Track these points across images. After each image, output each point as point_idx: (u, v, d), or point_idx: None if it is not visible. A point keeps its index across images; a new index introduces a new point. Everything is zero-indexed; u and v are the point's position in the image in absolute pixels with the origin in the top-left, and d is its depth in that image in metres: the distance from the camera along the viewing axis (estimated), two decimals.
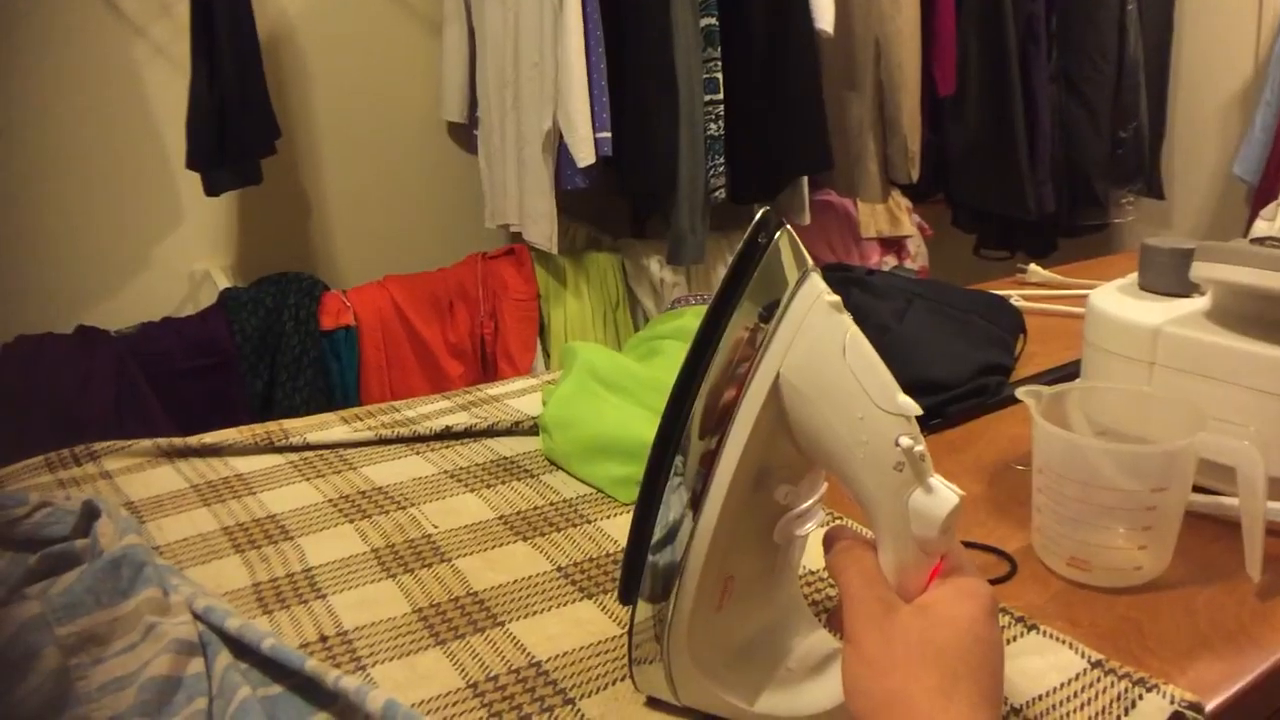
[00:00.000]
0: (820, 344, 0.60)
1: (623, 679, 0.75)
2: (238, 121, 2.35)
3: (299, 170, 2.80)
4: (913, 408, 0.59)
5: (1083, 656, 0.74)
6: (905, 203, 3.12)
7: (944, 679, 0.55)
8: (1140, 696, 0.70)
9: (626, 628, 0.70)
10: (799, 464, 0.65)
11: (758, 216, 0.61)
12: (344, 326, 2.50)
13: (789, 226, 0.62)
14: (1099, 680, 0.72)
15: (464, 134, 2.92)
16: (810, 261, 0.61)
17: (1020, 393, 0.87)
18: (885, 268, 2.97)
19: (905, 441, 0.59)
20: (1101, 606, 0.82)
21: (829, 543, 0.65)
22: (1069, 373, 1.24)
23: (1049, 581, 0.86)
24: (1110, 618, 0.81)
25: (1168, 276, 1.03)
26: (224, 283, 2.59)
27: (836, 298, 0.60)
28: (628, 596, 0.68)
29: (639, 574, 0.66)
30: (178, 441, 1.21)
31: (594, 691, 0.74)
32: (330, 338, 2.50)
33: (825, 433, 0.60)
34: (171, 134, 2.54)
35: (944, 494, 0.60)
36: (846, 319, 0.61)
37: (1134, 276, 1.08)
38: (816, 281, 0.60)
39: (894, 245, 3.14)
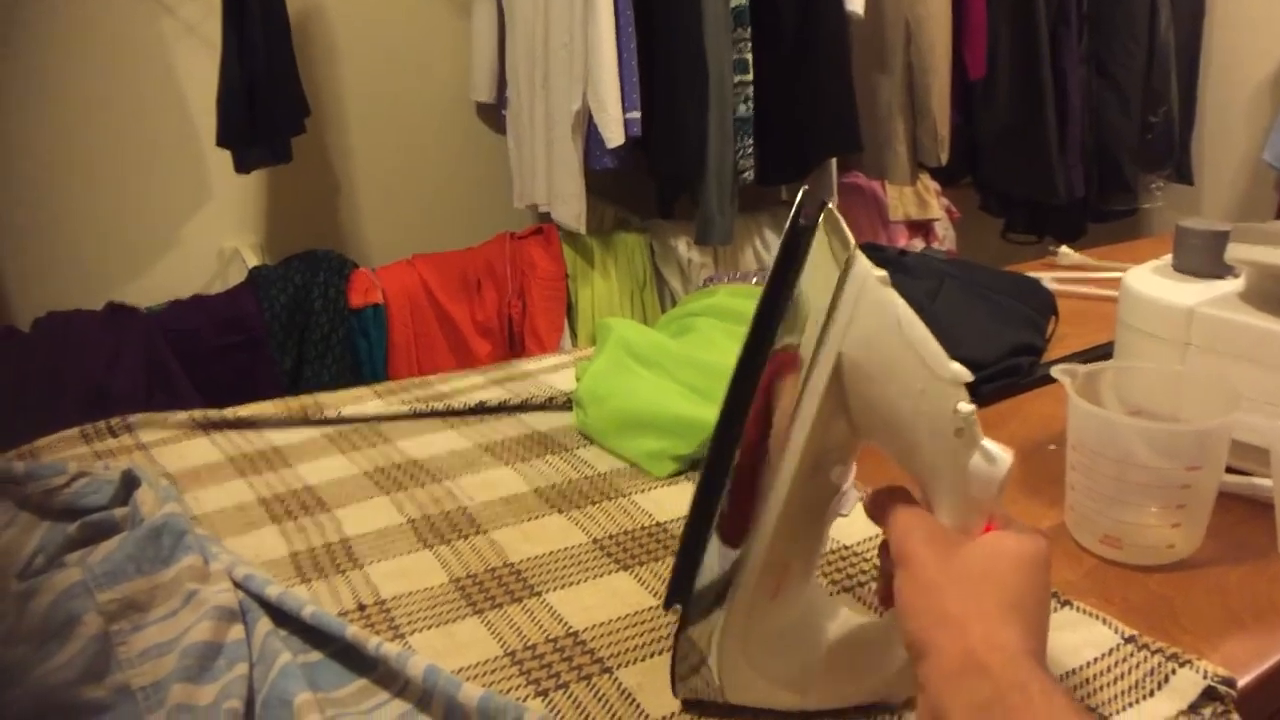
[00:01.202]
0: (877, 321, 0.60)
1: (661, 651, 0.76)
2: (268, 99, 2.36)
3: (329, 148, 2.80)
4: (965, 374, 0.60)
5: (1116, 632, 0.75)
6: (934, 186, 3.11)
7: (1000, 606, 0.56)
8: (1173, 671, 0.70)
9: (663, 603, 0.70)
10: (851, 444, 0.65)
11: (800, 196, 0.61)
12: (372, 305, 2.51)
13: (831, 205, 0.62)
14: (1132, 655, 0.72)
15: (493, 114, 2.92)
16: (853, 239, 0.61)
17: (1056, 371, 0.87)
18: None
19: (964, 408, 0.59)
20: (1134, 584, 0.82)
21: (880, 500, 0.65)
22: (1101, 354, 1.24)
23: (1082, 559, 0.86)
24: (1143, 595, 0.81)
25: (1203, 258, 1.03)
26: (253, 260, 2.60)
27: (884, 273, 0.61)
28: (677, 594, 0.66)
29: (694, 570, 0.64)
30: (213, 414, 1.22)
31: (631, 662, 0.74)
32: (359, 316, 2.50)
33: (887, 408, 0.60)
34: (202, 112, 2.55)
35: (998, 454, 0.61)
36: (895, 294, 0.61)
37: (1168, 258, 1.08)
38: (864, 259, 0.61)
39: (921, 228, 3.13)
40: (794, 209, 0.61)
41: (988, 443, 0.61)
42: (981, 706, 0.53)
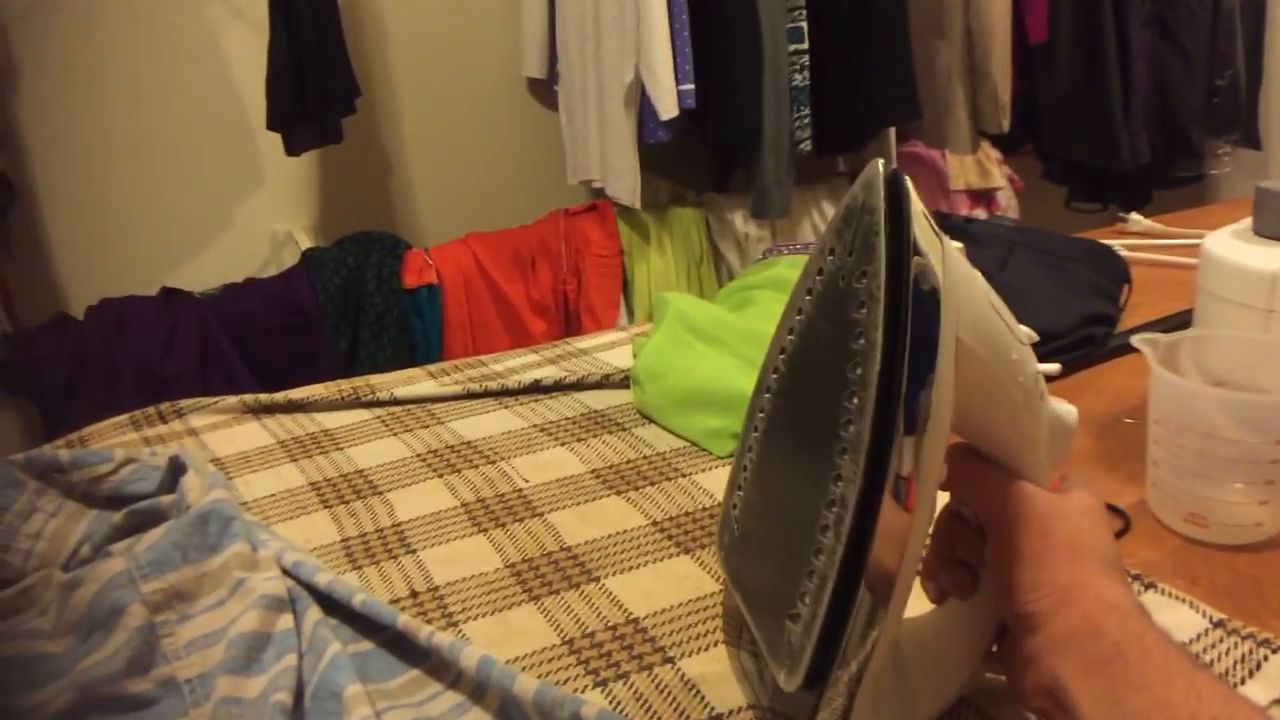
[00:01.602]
0: (974, 297, 0.56)
1: (727, 640, 0.73)
2: (317, 80, 2.35)
3: (379, 129, 2.79)
4: (1033, 334, 0.58)
5: (1204, 616, 0.72)
6: (995, 154, 3.06)
7: (1100, 564, 0.57)
8: (1265, 658, 0.67)
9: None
10: None
11: (881, 172, 0.54)
12: (426, 285, 2.50)
13: (906, 179, 0.55)
14: (1222, 641, 0.69)
15: (544, 90, 2.90)
16: (925, 213, 0.57)
17: (1137, 340, 0.83)
18: None
19: (1043, 368, 0.60)
20: (1220, 564, 0.79)
21: (968, 460, 0.62)
22: (1176, 324, 1.19)
23: (1165, 538, 0.83)
24: (1229, 576, 0.78)
25: None
26: (306, 243, 2.60)
27: (960, 244, 0.57)
28: (821, 673, 0.55)
29: (840, 640, 0.53)
30: (264, 398, 1.21)
31: (695, 651, 0.72)
32: (413, 296, 2.50)
33: (992, 383, 0.57)
34: (252, 95, 2.54)
35: (1064, 407, 0.63)
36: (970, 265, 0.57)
37: (1248, 222, 1.04)
38: (943, 235, 0.56)
39: (984, 198, 3.08)
40: (884, 181, 0.54)
41: (1051, 398, 0.62)
42: (1100, 663, 0.52)
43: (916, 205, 0.53)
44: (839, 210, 0.57)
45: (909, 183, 0.54)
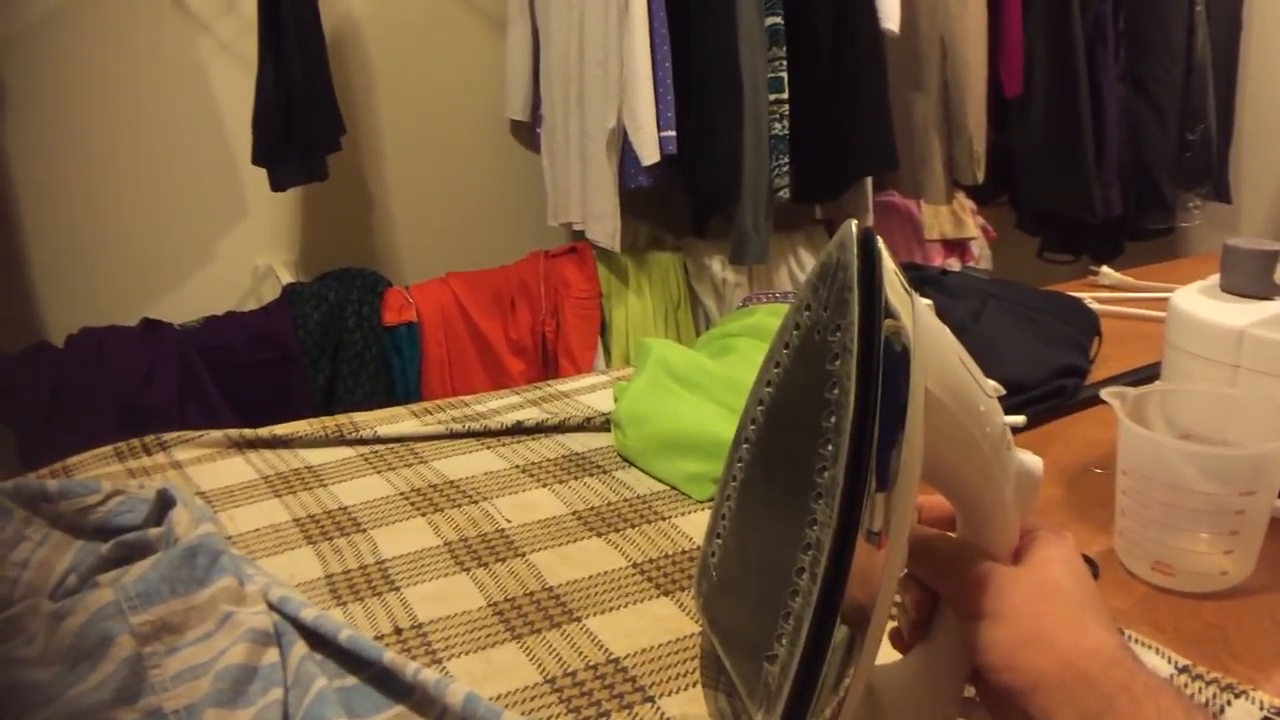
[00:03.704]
0: (941, 349, 0.58)
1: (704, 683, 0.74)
2: (304, 117, 2.36)
3: (364, 166, 2.81)
4: (998, 387, 0.60)
5: (1169, 662, 0.73)
6: (969, 204, 3.09)
7: (1074, 609, 0.57)
8: (1229, 702, 0.69)
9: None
10: None
11: (854, 232, 0.56)
12: (406, 322, 2.50)
13: (879, 238, 0.58)
14: (1187, 686, 0.71)
15: (527, 132, 2.92)
16: (897, 270, 0.59)
17: (1105, 393, 0.85)
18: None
19: (1009, 419, 0.59)
20: (1186, 612, 0.81)
21: (927, 546, 0.63)
22: (1146, 376, 1.22)
23: (1132, 586, 0.85)
24: (1195, 623, 0.79)
25: (1251, 278, 1.01)
26: (287, 278, 2.61)
27: (929, 301, 0.59)
28: (797, 717, 0.55)
29: (815, 684, 0.54)
30: (248, 432, 1.22)
31: (675, 691, 0.73)
32: (392, 333, 2.50)
33: (959, 435, 0.58)
34: (237, 130, 2.56)
35: (1031, 458, 0.63)
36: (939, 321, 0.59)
37: (1215, 278, 1.06)
38: (912, 292, 0.58)
39: (957, 247, 3.11)
40: (857, 241, 0.56)
41: (1018, 449, 0.63)
42: (1092, 717, 0.52)
43: (888, 263, 0.55)
44: (815, 268, 0.59)
45: (881, 242, 0.56)
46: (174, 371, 2.27)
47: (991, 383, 0.60)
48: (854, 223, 0.57)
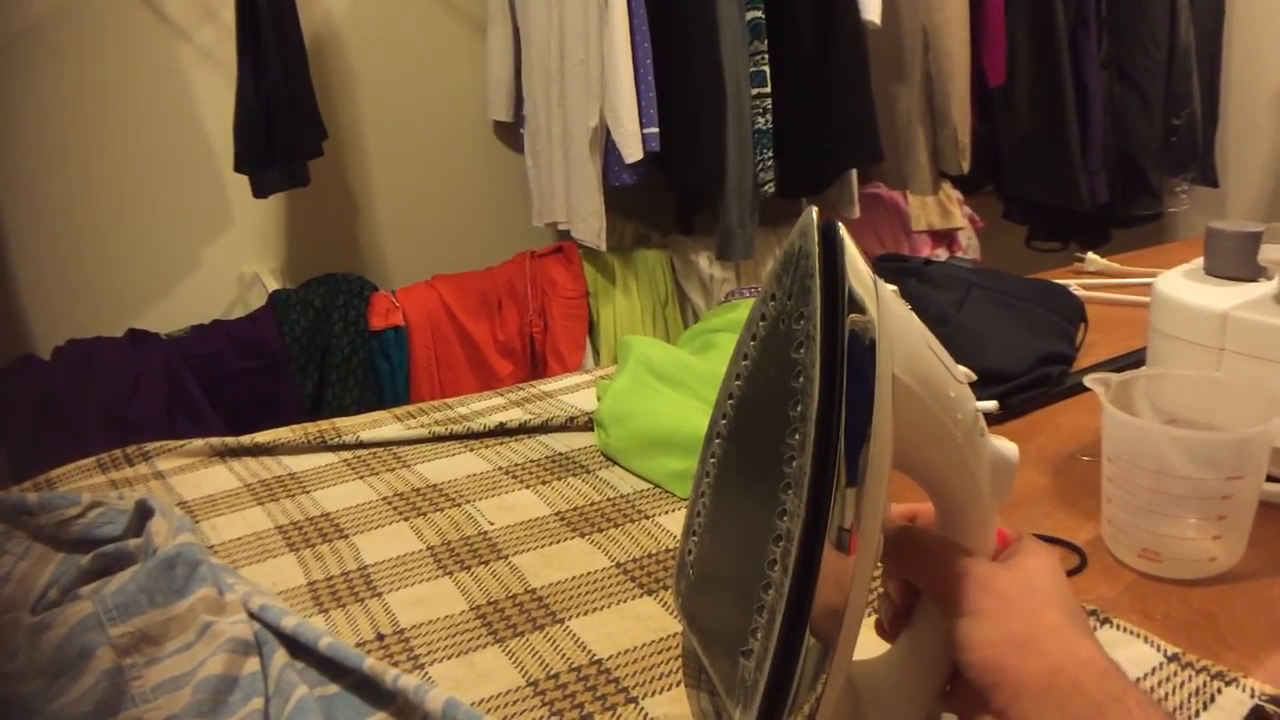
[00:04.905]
0: (908, 335, 0.57)
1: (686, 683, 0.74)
2: (285, 123, 2.36)
3: (346, 171, 2.80)
4: (969, 373, 0.59)
5: (1159, 650, 0.73)
6: (956, 195, 3.09)
7: (1063, 618, 0.56)
8: (1219, 690, 0.68)
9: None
10: None
11: (816, 220, 0.55)
12: (393, 327, 2.50)
13: (840, 224, 0.57)
14: (1176, 674, 0.70)
15: (510, 133, 2.92)
16: (860, 256, 0.58)
17: (1089, 380, 0.85)
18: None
19: (982, 406, 0.58)
20: (1175, 599, 0.80)
21: (907, 541, 0.63)
22: (1132, 362, 1.21)
23: (1120, 574, 0.84)
24: (1185, 610, 0.79)
25: (1235, 260, 1.01)
26: (273, 284, 2.60)
27: (894, 287, 0.58)
28: (775, 714, 0.54)
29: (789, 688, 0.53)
30: (230, 441, 1.21)
31: (658, 691, 0.72)
32: (380, 338, 2.50)
33: (931, 422, 0.57)
34: (219, 137, 2.55)
35: (1006, 445, 0.62)
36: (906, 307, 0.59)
37: (1199, 261, 1.06)
38: (878, 279, 0.58)
39: (945, 238, 3.11)
40: (819, 230, 0.55)
41: (993, 436, 0.62)
42: None
43: (851, 249, 0.54)
44: (779, 257, 0.58)
45: (842, 228, 0.55)
46: (162, 381, 2.27)
47: (963, 369, 0.59)
48: (814, 210, 0.56)
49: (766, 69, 2.46)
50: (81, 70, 2.43)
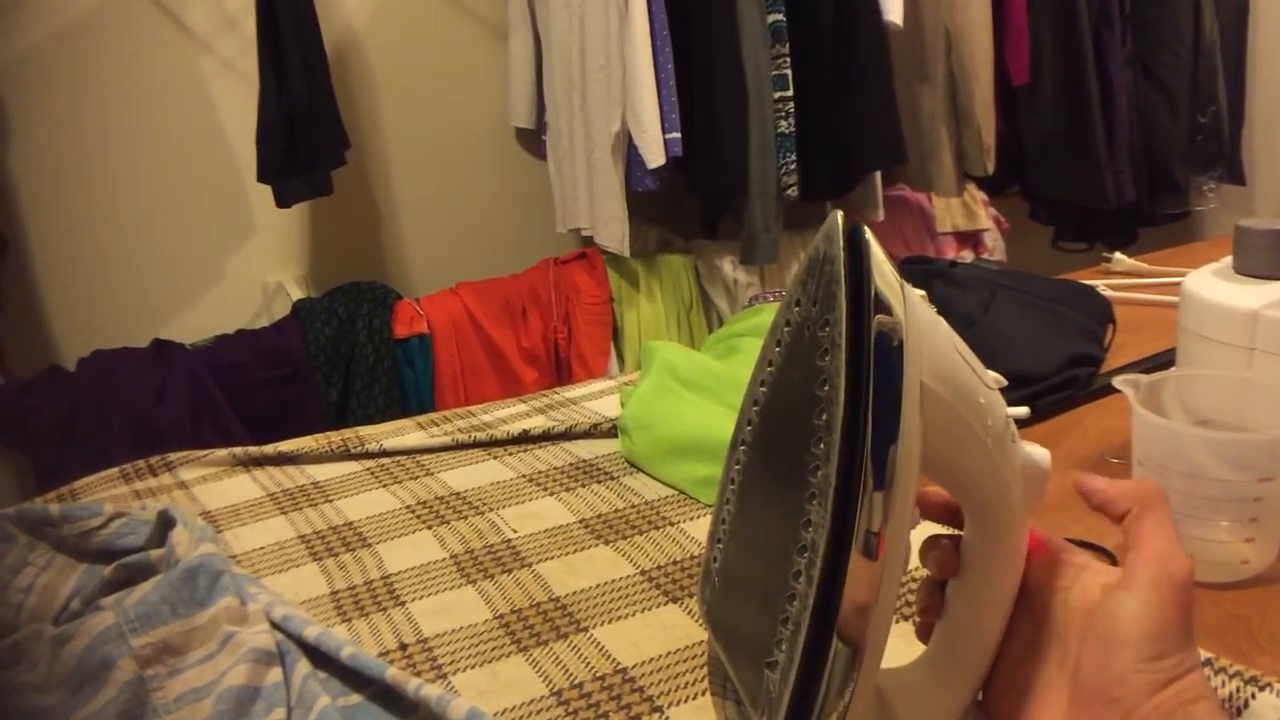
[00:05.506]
0: (938, 341, 0.55)
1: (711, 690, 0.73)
2: (307, 133, 2.36)
3: (369, 180, 2.81)
4: (999, 378, 0.58)
5: None
6: (981, 196, 3.08)
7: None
8: (1253, 696, 0.67)
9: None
10: None
11: (840, 223, 0.55)
12: (417, 334, 2.50)
13: (866, 228, 0.56)
14: (1210, 680, 0.69)
15: (532, 139, 2.91)
16: (887, 261, 0.57)
17: (1118, 381, 0.84)
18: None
19: (1013, 411, 0.57)
20: (1207, 603, 0.79)
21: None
22: (1161, 362, 1.20)
23: None
24: (1217, 614, 0.78)
25: (1265, 259, 0.99)
26: (297, 294, 2.61)
27: (922, 292, 0.57)
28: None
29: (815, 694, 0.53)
30: (253, 450, 1.21)
31: (683, 700, 0.72)
32: (404, 346, 2.50)
33: (960, 429, 0.56)
34: (242, 147, 2.56)
35: (1036, 450, 0.61)
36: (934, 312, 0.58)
37: (1228, 260, 1.04)
38: (905, 284, 0.57)
39: (970, 239, 3.10)
40: (844, 233, 0.54)
41: (1024, 442, 0.61)
42: None
43: (877, 254, 0.53)
44: (803, 262, 0.58)
45: (869, 233, 0.54)
46: (186, 391, 2.28)
47: (993, 374, 0.58)
48: (839, 214, 0.55)
49: (788, 72, 2.45)
50: (104, 82, 2.45)
